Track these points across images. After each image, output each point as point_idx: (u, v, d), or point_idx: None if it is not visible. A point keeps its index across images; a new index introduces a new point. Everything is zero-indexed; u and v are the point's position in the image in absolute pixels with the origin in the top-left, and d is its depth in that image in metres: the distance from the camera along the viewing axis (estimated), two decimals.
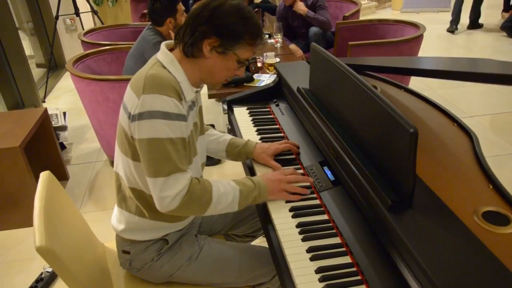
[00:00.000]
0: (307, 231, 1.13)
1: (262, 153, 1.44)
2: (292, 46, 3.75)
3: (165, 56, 1.18)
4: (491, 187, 1.11)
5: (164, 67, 1.16)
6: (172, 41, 1.25)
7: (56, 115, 3.28)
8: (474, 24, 6.41)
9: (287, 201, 1.26)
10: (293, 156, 1.49)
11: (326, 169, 1.35)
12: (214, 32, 1.12)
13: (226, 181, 1.22)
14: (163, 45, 1.22)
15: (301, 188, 1.27)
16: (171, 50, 1.22)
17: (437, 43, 5.80)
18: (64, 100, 4.41)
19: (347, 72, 1.25)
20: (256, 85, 2.76)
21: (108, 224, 1.37)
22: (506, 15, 6.38)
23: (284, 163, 1.45)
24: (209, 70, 1.20)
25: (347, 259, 1.04)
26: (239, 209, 1.22)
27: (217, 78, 1.23)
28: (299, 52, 3.72)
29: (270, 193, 1.24)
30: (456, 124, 1.48)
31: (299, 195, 1.25)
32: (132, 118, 1.11)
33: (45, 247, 1.02)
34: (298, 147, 1.50)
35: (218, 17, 1.11)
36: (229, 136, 1.52)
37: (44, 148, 2.81)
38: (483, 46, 5.62)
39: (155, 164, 1.09)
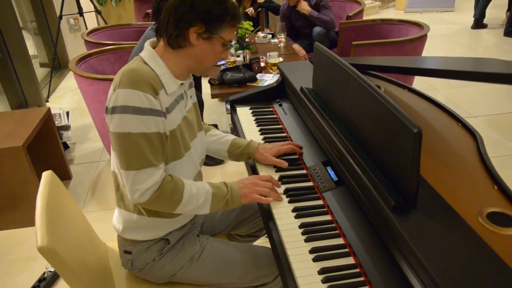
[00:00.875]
0: (310, 232, 1.13)
1: (265, 153, 1.44)
2: (295, 46, 3.75)
3: (145, 52, 1.20)
4: (496, 187, 1.10)
5: (145, 63, 1.17)
6: (155, 39, 1.26)
7: (59, 114, 3.29)
8: (479, 24, 6.39)
9: (289, 202, 1.25)
10: (296, 157, 1.48)
11: (329, 169, 1.34)
12: (199, 18, 1.14)
13: (201, 182, 1.25)
14: (147, 43, 1.24)
15: (275, 193, 1.27)
16: (155, 47, 1.23)
17: (441, 43, 5.78)
18: (67, 99, 4.42)
19: (351, 72, 1.25)
20: (259, 85, 2.75)
21: (110, 223, 1.37)
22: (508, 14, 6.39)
23: (288, 163, 1.44)
24: (197, 58, 1.21)
25: (350, 260, 1.03)
26: (210, 211, 1.24)
27: (205, 64, 1.24)
28: (302, 52, 3.71)
29: (243, 197, 1.26)
30: (460, 124, 1.47)
31: (269, 199, 1.26)
32: (107, 111, 1.13)
33: (46, 247, 1.02)
34: (301, 148, 1.49)
35: (200, 4, 1.13)
36: (231, 137, 1.52)
37: (47, 148, 2.81)
38: (487, 46, 5.59)
39: (126, 157, 1.11)
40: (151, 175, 1.12)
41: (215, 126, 3.49)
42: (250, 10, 4.57)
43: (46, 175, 1.28)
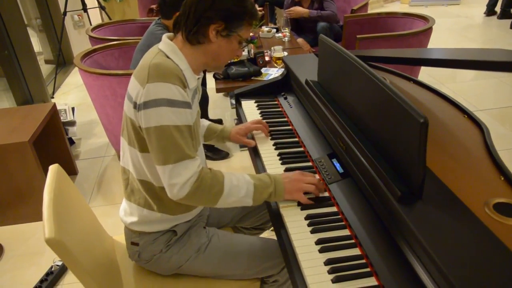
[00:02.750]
0: (316, 223, 1.13)
1: (236, 134, 1.56)
2: (300, 40, 3.73)
3: (167, 46, 1.19)
4: (502, 178, 1.10)
5: (167, 57, 1.16)
6: (172, 33, 1.26)
7: (65, 110, 3.30)
8: (490, 10, 6.42)
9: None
10: (302, 149, 1.48)
11: (335, 161, 1.34)
12: (220, 16, 1.15)
13: (241, 174, 1.22)
14: (164, 36, 1.23)
15: (316, 189, 1.23)
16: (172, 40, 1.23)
17: (446, 37, 5.74)
18: (72, 96, 4.43)
19: (356, 63, 1.24)
20: (264, 79, 2.75)
21: (116, 218, 1.37)
22: None
23: (293, 156, 1.44)
24: (214, 55, 1.22)
25: (356, 251, 1.03)
26: (254, 204, 1.21)
27: (222, 61, 1.26)
28: (306, 46, 3.70)
29: (287, 192, 1.21)
30: (466, 116, 1.46)
31: (312, 201, 1.21)
32: (138, 107, 1.11)
33: (54, 238, 1.03)
34: (269, 132, 1.60)
35: (221, 2, 1.14)
36: (207, 122, 1.59)
37: (53, 143, 2.83)
38: (493, 39, 5.55)
39: (163, 151, 1.09)
40: (187, 167, 1.10)
41: (220, 121, 3.49)
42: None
43: (53, 168, 1.28)
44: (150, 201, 1.25)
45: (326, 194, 1.25)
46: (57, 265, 2.10)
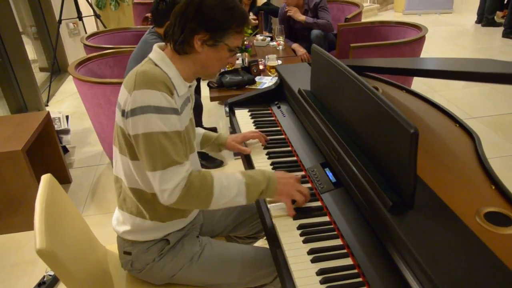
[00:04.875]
0: (308, 233, 1.13)
1: (232, 141, 1.56)
2: (295, 46, 3.76)
3: (156, 54, 1.20)
4: (493, 187, 1.10)
5: (156, 65, 1.17)
6: (164, 43, 1.26)
7: (59, 118, 3.29)
8: (481, 18, 6.52)
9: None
10: (295, 158, 1.48)
11: (327, 170, 1.35)
12: (203, 27, 1.14)
13: (232, 173, 1.21)
14: (155, 45, 1.24)
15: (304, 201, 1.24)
16: (163, 50, 1.24)
17: (439, 45, 5.79)
18: (67, 104, 4.42)
19: (348, 73, 1.25)
20: (258, 87, 2.76)
21: (110, 227, 1.37)
22: (501, 14, 6.47)
23: (286, 165, 1.45)
24: (203, 64, 1.22)
25: (348, 261, 1.04)
26: (247, 202, 1.20)
27: (211, 70, 1.25)
28: (301, 50, 3.71)
29: (278, 193, 1.22)
30: (458, 125, 1.47)
31: (294, 212, 1.21)
32: (126, 114, 1.13)
33: (45, 249, 1.02)
34: (266, 141, 1.59)
35: (204, 12, 1.13)
36: (202, 130, 1.58)
37: (47, 152, 2.82)
38: (486, 48, 5.60)
39: (151, 158, 1.10)
40: (176, 173, 1.11)
41: (214, 129, 3.49)
42: (251, 19, 4.57)
43: (45, 178, 1.28)
44: (142, 209, 1.25)
45: (319, 203, 1.25)
46: (50, 275, 2.08)
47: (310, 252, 1.07)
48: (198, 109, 2.89)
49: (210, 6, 1.13)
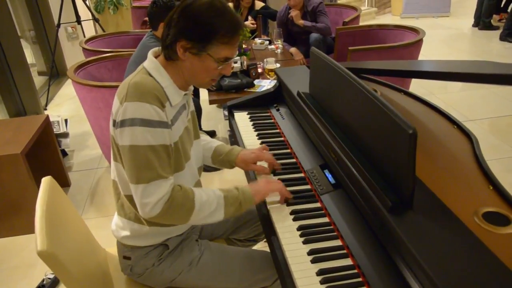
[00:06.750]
0: (308, 234, 1.14)
1: (243, 162, 1.43)
2: (293, 50, 3.77)
3: (150, 63, 1.19)
4: (491, 188, 1.11)
5: (150, 74, 1.16)
6: (157, 49, 1.24)
7: (58, 122, 3.29)
8: (478, 22, 6.53)
9: (287, 205, 1.26)
10: (294, 160, 1.49)
11: (326, 172, 1.35)
12: (183, 35, 1.10)
13: (211, 189, 1.22)
14: (150, 52, 1.22)
15: (286, 191, 1.27)
16: (158, 56, 1.22)
17: (437, 49, 5.82)
18: (65, 107, 4.42)
19: (346, 75, 1.26)
20: (257, 90, 2.77)
21: (110, 230, 1.37)
22: (498, 17, 6.50)
23: (285, 168, 1.45)
24: (190, 72, 1.17)
25: (348, 261, 1.04)
26: (225, 217, 1.21)
27: (199, 79, 1.20)
28: (299, 55, 3.73)
29: (255, 194, 1.24)
30: (456, 127, 1.48)
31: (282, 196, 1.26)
32: (116, 125, 1.12)
33: (46, 251, 1.03)
34: (277, 169, 1.45)
35: (186, 19, 1.09)
36: (216, 143, 1.50)
37: (46, 155, 2.82)
38: (483, 51, 5.63)
39: (136, 171, 1.09)
40: (159, 187, 1.10)
41: (213, 132, 3.50)
42: (250, 22, 4.58)
43: (46, 180, 1.28)
44: (139, 215, 1.25)
45: (318, 204, 1.26)
46: (49, 278, 2.08)
47: (310, 252, 1.07)
48: (197, 112, 2.90)
49: (193, 13, 1.08)
